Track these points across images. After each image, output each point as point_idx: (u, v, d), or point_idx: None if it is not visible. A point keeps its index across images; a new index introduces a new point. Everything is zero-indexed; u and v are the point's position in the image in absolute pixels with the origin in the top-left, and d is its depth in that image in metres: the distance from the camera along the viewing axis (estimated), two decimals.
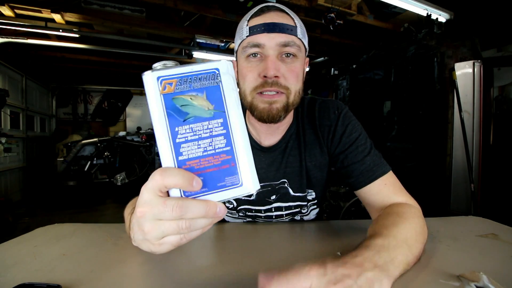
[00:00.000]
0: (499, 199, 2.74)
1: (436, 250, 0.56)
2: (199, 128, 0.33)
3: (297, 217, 0.83)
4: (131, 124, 7.30)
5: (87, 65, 5.58)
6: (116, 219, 3.44)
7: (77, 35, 3.60)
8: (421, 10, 3.18)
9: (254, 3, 2.97)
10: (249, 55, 0.66)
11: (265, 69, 0.63)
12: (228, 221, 0.84)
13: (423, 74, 3.11)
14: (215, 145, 0.33)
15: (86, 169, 4.52)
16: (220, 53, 4.42)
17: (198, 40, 4.03)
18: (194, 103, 0.32)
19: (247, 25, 0.66)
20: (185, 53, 4.38)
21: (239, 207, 0.81)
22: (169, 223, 0.32)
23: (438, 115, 3.03)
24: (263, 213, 0.80)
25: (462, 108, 2.75)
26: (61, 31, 3.36)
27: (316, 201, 0.82)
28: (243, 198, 0.79)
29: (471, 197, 2.65)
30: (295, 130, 0.79)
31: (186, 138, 0.32)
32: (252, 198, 0.80)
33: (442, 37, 3.11)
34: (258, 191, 0.40)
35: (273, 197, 0.79)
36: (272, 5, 0.68)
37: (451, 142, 2.96)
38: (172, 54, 4.65)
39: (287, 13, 0.68)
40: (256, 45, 0.64)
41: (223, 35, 3.97)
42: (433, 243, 0.60)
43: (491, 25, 3.14)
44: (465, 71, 2.84)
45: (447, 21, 3.35)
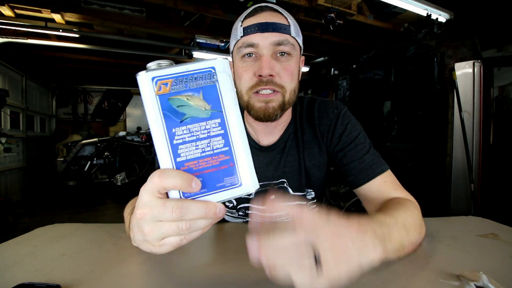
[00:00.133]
0: (499, 199, 2.74)
1: (436, 250, 0.56)
2: (196, 129, 0.32)
3: None
4: (131, 124, 7.31)
5: (87, 65, 5.58)
6: (116, 219, 3.44)
7: (77, 35, 3.60)
8: (421, 10, 3.18)
9: (254, 3, 2.97)
10: (244, 55, 0.67)
11: (260, 69, 0.63)
12: (228, 221, 0.84)
13: (423, 74, 3.11)
14: (213, 145, 0.33)
15: (86, 169, 4.52)
16: (220, 53, 4.42)
17: (198, 40, 4.03)
18: (191, 104, 0.32)
19: (241, 25, 0.67)
20: (185, 53, 4.38)
21: (239, 206, 0.81)
22: (169, 224, 0.31)
23: (438, 115, 3.03)
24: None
25: (462, 108, 2.75)
26: (61, 31, 3.36)
27: (315, 200, 0.82)
28: (242, 197, 0.80)
29: (471, 197, 2.65)
30: (293, 129, 0.79)
31: (184, 139, 0.32)
32: (251, 197, 0.80)
33: (442, 37, 3.11)
34: (257, 190, 0.40)
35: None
36: (265, 5, 0.69)
37: (451, 142, 2.96)
38: (172, 54, 4.65)
39: (280, 12, 0.69)
40: (251, 45, 0.65)
41: (223, 35, 3.97)
42: (433, 242, 0.60)
43: (491, 25, 3.14)
44: (465, 71, 2.84)
45: (447, 21, 3.34)
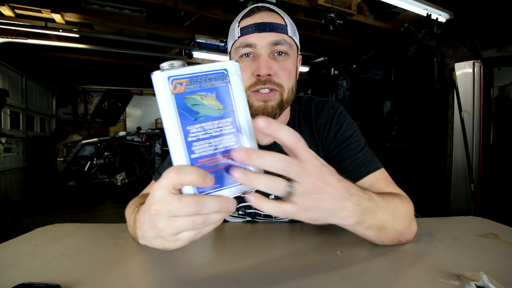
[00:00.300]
0: (499, 199, 2.74)
1: (436, 250, 0.56)
2: (210, 127, 0.34)
3: None
4: (131, 124, 7.31)
5: (87, 65, 5.58)
6: (116, 219, 3.44)
7: (77, 35, 3.61)
8: (421, 10, 3.18)
9: (254, 3, 2.97)
10: (241, 55, 0.67)
11: (258, 68, 0.64)
12: (228, 221, 0.84)
13: (423, 74, 3.12)
14: (226, 143, 0.34)
15: (86, 169, 4.52)
16: (220, 53, 4.43)
17: (198, 40, 4.04)
18: (205, 103, 0.33)
19: (238, 26, 0.68)
20: (185, 53, 4.38)
21: (239, 205, 0.81)
22: (184, 219, 0.32)
23: (438, 115, 3.03)
24: (263, 212, 0.80)
25: (462, 108, 2.75)
26: (61, 31, 3.36)
27: None
28: (242, 196, 0.80)
29: (471, 197, 2.65)
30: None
31: (198, 137, 0.33)
32: None
33: (442, 37, 3.11)
34: None
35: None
36: (262, 6, 0.70)
37: (451, 142, 2.97)
38: (172, 54, 4.65)
39: (277, 12, 0.69)
40: (248, 45, 0.66)
41: (223, 35, 3.97)
42: (433, 242, 0.59)
43: (491, 25, 3.14)
44: (465, 71, 2.84)
45: (447, 21, 3.35)
